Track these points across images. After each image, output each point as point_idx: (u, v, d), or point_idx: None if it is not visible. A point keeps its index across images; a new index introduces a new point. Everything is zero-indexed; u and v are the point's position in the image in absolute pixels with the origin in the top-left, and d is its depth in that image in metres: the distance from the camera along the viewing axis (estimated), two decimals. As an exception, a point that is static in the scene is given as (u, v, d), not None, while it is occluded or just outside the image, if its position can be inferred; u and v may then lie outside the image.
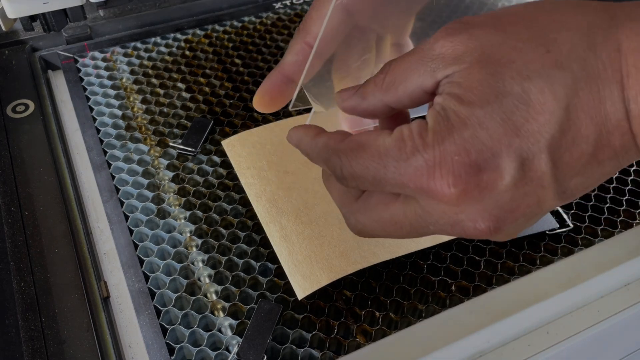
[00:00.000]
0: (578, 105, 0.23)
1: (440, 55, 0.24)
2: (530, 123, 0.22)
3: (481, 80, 0.23)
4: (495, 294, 0.39)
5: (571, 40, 0.23)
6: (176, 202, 0.46)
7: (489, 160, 0.23)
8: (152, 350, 0.37)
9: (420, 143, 0.24)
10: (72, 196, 0.46)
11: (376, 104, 0.27)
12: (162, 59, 0.58)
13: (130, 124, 0.51)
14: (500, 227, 0.24)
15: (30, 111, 0.52)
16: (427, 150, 0.23)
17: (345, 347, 0.38)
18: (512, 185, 0.23)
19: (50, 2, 0.49)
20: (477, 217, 0.24)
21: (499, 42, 0.23)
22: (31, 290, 0.40)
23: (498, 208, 0.23)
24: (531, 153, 0.23)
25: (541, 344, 0.37)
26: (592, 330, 0.38)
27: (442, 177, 0.23)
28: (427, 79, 0.25)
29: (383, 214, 0.27)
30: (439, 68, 0.24)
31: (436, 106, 0.24)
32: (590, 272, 0.40)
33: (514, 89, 0.23)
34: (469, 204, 0.23)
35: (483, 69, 0.23)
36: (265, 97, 0.32)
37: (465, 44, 0.24)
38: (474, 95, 0.23)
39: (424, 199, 0.24)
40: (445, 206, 0.24)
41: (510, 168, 0.23)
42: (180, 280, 0.41)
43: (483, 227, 0.24)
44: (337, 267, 0.39)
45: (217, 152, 0.49)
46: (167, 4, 0.64)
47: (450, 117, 0.23)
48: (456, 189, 0.23)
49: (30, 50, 0.58)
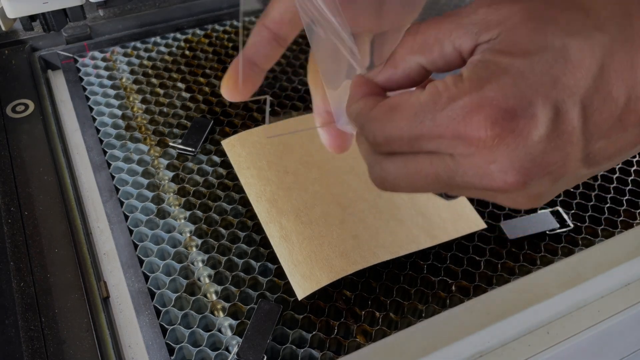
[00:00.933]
0: (612, 67, 0.24)
1: (484, 19, 0.25)
2: (567, 77, 0.23)
3: (523, 34, 0.24)
4: (495, 294, 0.39)
5: (609, 8, 0.24)
6: (176, 202, 0.46)
7: (525, 108, 0.23)
8: (152, 351, 0.37)
9: (455, 92, 0.24)
10: (71, 196, 0.46)
11: (412, 67, 0.27)
12: (162, 58, 0.58)
13: (130, 124, 0.51)
14: (528, 182, 0.24)
15: (30, 111, 0.52)
16: (464, 96, 0.24)
17: (345, 347, 0.38)
18: (545, 136, 0.23)
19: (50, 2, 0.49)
20: (507, 168, 0.24)
21: (542, 5, 0.25)
22: (31, 290, 0.40)
23: (529, 160, 0.24)
24: (565, 106, 0.23)
25: (541, 344, 0.37)
26: (592, 330, 0.38)
27: (479, 121, 0.23)
28: (466, 41, 0.25)
29: (409, 164, 0.27)
30: (482, 31, 0.25)
31: (473, 61, 0.25)
32: (591, 272, 0.40)
33: (555, 43, 0.23)
34: (502, 152, 0.24)
35: (525, 25, 0.24)
36: (230, 82, 0.31)
37: (509, 8, 0.25)
38: (516, 48, 0.24)
39: (457, 147, 0.25)
40: (477, 154, 0.24)
41: (545, 118, 0.23)
42: (180, 280, 0.41)
43: (512, 180, 0.24)
44: (337, 267, 0.39)
45: (217, 152, 0.49)
46: (167, 3, 0.64)
47: (489, 66, 0.24)
48: (492, 132, 0.23)
49: (30, 50, 0.58)
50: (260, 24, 0.31)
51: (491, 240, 0.44)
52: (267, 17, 0.31)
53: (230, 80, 0.31)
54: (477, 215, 0.44)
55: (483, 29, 0.25)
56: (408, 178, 0.27)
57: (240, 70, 0.31)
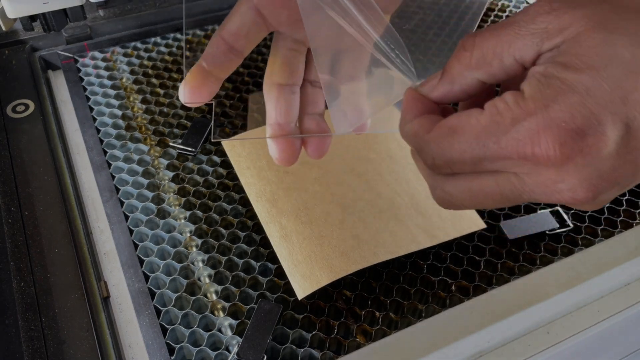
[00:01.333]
0: None
1: (545, 29, 0.24)
2: (639, 91, 0.22)
3: (589, 46, 0.23)
4: (495, 294, 0.39)
5: None
6: (176, 202, 0.46)
7: (594, 127, 0.22)
8: (152, 350, 0.37)
9: (519, 112, 0.23)
10: (72, 196, 0.46)
11: (469, 83, 0.26)
12: (162, 58, 0.58)
13: (130, 124, 0.51)
14: (597, 196, 0.24)
15: (30, 111, 0.52)
16: (529, 117, 0.23)
17: (345, 347, 0.38)
18: (615, 153, 0.23)
19: (50, 2, 0.49)
20: (577, 187, 0.23)
21: (607, 11, 0.23)
22: (31, 290, 0.40)
23: (598, 177, 0.23)
24: (637, 122, 0.23)
25: (541, 344, 0.37)
26: (592, 330, 0.38)
27: (547, 142, 0.23)
28: (528, 52, 0.24)
29: (473, 185, 0.26)
30: (544, 40, 0.24)
31: (535, 74, 0.24)
32: (590, 272, 0.40)
33: (624, 55, 0.22)
34: (571, 171, 0.23)
35: (590, 35, 0.23)
36: (186, 89, 0.32)
37: (572, 14, 0.24)
38: (582, 62, 0.23)
39: (523, 167, 0.24)
40: (544, 173, 0.24)
41: (615, 136, 0.23)
42: (180, 280, 0.41)
43: (581, 197, 0.24)
44: (337, 267, 0.39)
45: (217, 152, 0.49)
46: (167, 4, 0.64)
47: (554, 83, 0.23)
48: (561, 153, 0.23)
49: (30, 50, 0.58)
50: (217, 35, 0.31)
51: (491, 240, 0.44)
52: (224, 29, 0.31)
53: (186, 87, 0.31)
54: (476, 215, 0.44)
55: (545, 38, 0.24)
56: (472, 198, 0.27)
57: (184, 74, 0.32)
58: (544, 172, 0.23)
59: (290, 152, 0.33)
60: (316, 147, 0.33)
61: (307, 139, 0.34)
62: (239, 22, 0.31)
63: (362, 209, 0.43)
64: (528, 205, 0.46)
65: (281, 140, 0.33)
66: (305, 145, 0.34)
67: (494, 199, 0.26)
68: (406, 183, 0.45)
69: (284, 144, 0.33)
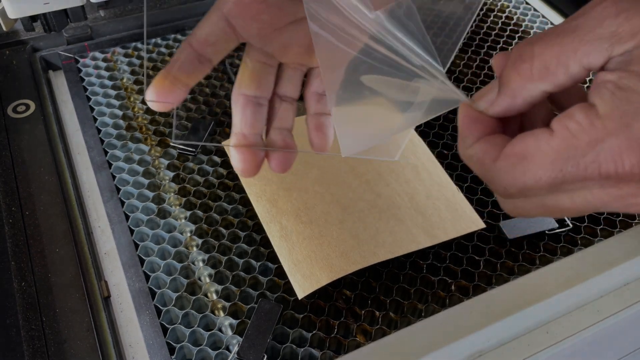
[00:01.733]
0: None
1: (615, 32, 0.23)
2: None
3: None
4: (495, 294, 0.39)
5: None
6: (177, 202, 0.46)
7: None
8: (152, 350, 0.37)
9: (597, 133, 0.22)
10: (72, 196, 0.46)
11: (533, 95, 0.25)
12: (163, 59, 0.58)
13: (130, 124, 0.52)
14: None
15: (31, 111, 0.52)
16: (609, 138, 0.22)
17: (345, 347, 0.38)
18: None
19: (51, 3, 0.50)
20: None
21: None
22: (32, 289, 0.40)
23: None
24: None
25: (541, 344, 0.37)
26: (592, 330, 0.38)
27: (631, 163, 0.22)
28: (597, 58, 0.23)
29: (547, 201, 0.25)
30: (614, 44, 0.23)
31: (607, 86, 0.23)
32: (590, 272, 0.40)
33: None
34: None
35: None
36: (153, 93, 0.31)
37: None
38: None
39: (603, 186, 0.23)
40: (625, 189, 0.23)
41: None
42: (180, 279, 0.41)
43: None
44: (337, 266, 0.39)
45: (217, 152, 0.49)
46: (168, 4, 0.64)
47: (632, 98, 0.22)
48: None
49: (31, 51, 0.58)
50: (187, 42, 0.31)
51: (490, 240, 0.44)
52: (193, 37, 0.31)
53: (152, 95, 0.31)
54: (476, 215, 0.44)
55: (615, 42, 0.22)
56: (545, 212, 0.26)
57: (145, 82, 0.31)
58: (625, 188, 0.23)
59: (251, 163, 0.32)
60: (279, 162, 0.33)
61: (271, 153, 0.33)
62: (208, 30, 0.30)
63: (362, 209, 0.43)
64: (528, 205, 0.46)
65: (243, 151, 0.32)
66: (268, 158, 0.33)
67: (569, 212, 0.25)
68: (406, 183, 0.45)
69: (246, 155, 0.32)
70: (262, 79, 0.33)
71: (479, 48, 0.61)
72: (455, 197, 0.45)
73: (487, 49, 0.61)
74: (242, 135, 0.32)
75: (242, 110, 0.32)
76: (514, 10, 0.66)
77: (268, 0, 0.30)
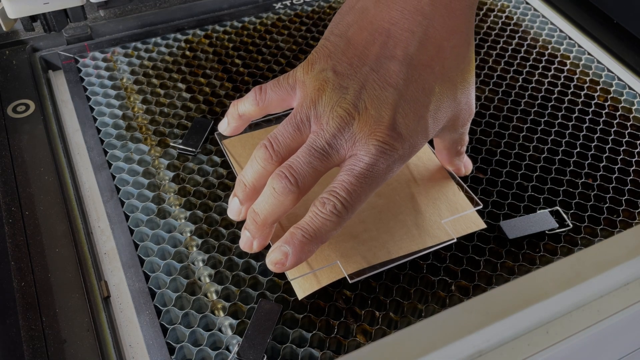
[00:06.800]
0: None
1: None
2: None
3: None
4: (495, 294, 0.39)
5: None
6: (176, 202, 0.46)
7: None
8: (152, 350, 0.37)
9: None
10: (72, 196, 0.46)
11: None
12: (163, 59, 0.58)
13: (130, 124, 0.51)
14: None
15: (31, 111, 0.52)
16: None
17: (345, 347, 0.38)
18: None
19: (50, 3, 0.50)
20: None
21: None
22: (32, 289, 0.40)
23: None
24: None
25: (541, 344, 0.37)
26: (591, 330, 0.38)
27: None
28: None
29: None
30: None
31: None
32: (590, 272, 0.40)
33: None
34: None
35: None
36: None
37: None
38: None
39: None
40: None
41: None
42: (180, 280, 0.41)
43: None
44: (337, 267, 0.39)
45: (217, 152, 0.49)
46: (168, 4, 0.64)
47: None
48: None
49: (30, 51, 0.58)
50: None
51: (491, 240, 0.44)
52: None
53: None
54: (476, 215, 0.44)
55: None
56: None
57: None
58: None
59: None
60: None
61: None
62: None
63: (362, 209, 0.43)
64: (528, 205, 0.46)
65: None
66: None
67: None
68: (406, 183, 0.45)
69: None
70: None
71: (478, 48, 0.61)
72: (456, 197, 0.45)
73: (487, 49, 0.61)
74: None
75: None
76: (514, 10, 0.66)
77: None
